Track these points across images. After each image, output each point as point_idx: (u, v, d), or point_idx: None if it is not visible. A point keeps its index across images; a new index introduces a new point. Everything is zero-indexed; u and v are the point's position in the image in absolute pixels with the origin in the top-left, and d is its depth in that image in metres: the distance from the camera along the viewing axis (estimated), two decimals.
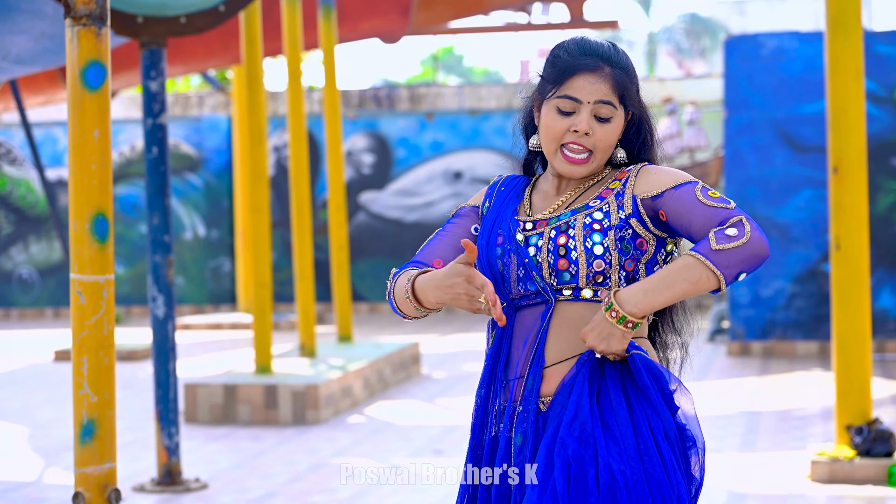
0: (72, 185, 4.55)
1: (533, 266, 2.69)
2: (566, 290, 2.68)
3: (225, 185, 17.35)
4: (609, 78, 2.70)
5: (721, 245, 2.57)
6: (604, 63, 2.71)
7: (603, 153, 2.73)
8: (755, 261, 2.59)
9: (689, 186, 2.68)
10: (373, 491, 6.54)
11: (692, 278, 2.58)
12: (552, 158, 2.74)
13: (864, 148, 6.50)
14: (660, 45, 39.86)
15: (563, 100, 2.70)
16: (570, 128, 2.70)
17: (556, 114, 2.72)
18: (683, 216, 2.65)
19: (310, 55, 21.21)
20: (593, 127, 2.70)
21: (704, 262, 2.57)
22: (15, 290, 17.64)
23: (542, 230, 2.72)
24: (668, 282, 2.59)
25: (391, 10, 11.93)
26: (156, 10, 6.64)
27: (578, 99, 2.70)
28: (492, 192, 2.86)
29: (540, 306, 2.70)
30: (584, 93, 2.69)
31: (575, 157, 2.71)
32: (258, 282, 9.15)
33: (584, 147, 2.71)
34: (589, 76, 2.70)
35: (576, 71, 2.70)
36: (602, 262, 2.66)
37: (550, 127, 2.72)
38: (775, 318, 11.29)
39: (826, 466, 6.43)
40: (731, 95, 11.37)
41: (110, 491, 4.57)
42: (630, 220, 2.68)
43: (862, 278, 6.50)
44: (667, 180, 2.70)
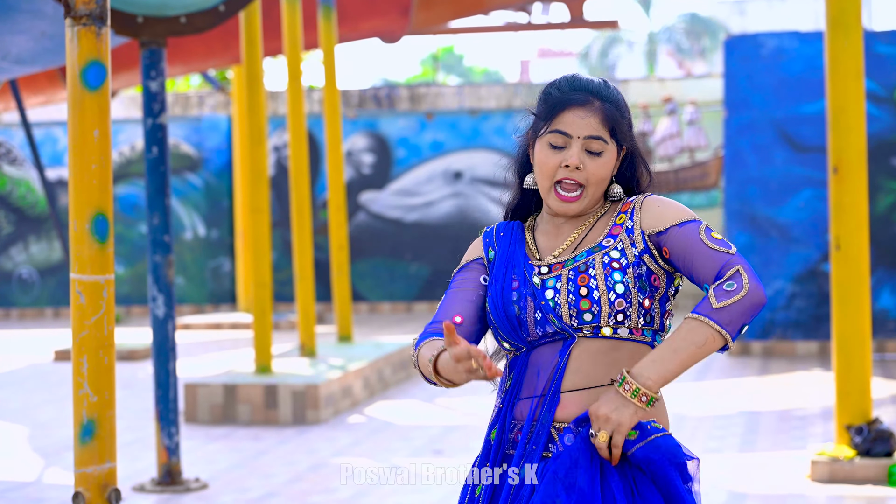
0: (72, 185, 4.55)
1: (549, 309, 2.68)
2: (586, 329, 2.69)
3: (225, 185, 17.35)
4: (599, 112, 2.72)
5: (721, 302, 2.60)
6: (593, 98, 2.73)
7: (595, 187, 2.74)
8: (754, 311, 2.62)
9: (693, 225, 2.68)
10: (373, 491, 6.54)
11: (699, 341, 2.60)
12: (546, 196, 2.75)
13: (864, 148, 6.50)
14: (660, 45, 39.86)
15: (553, 135, 2.73)
16: (562, 163, 2.71)
17: (548, 149, 2.73)
18: (686, 257, 2.67)
19: (310, 55, 21.21)
20: (584, 161, 2.71)
21: (708, 323, 2.60)
22: (15, 290, 17.64)
23: (559, 272, 2.71)
24: (676, 348, 2.60)
25: (391, 10, 11.93)
26: (156, 10, 6.64)
27: (568, 133, 2.72)
28: (491, 239, 2.85)
29: (558, 343, 2.70)
30: (574, 127, 2.71)
31: (567, 194, 2.73)
32: (258, 282, 9.15)
33: (576, 182, 2.72)
34: (579, 111, 2.72)
35: (566, 106, 2.72)
36: (623, 300, 2.67)
37: (543, 163, 2.74)
38: (775, 318, 11.29)
39: (826, 466, 6.43)
40: (731, 95, 11.37)
41: (110, 491, 4.57)
42: (643, 255, 2.70)
43: (862, 278, 6.50)
44: (671, 216, 2.70)
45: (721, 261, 2.63)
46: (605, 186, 2.75)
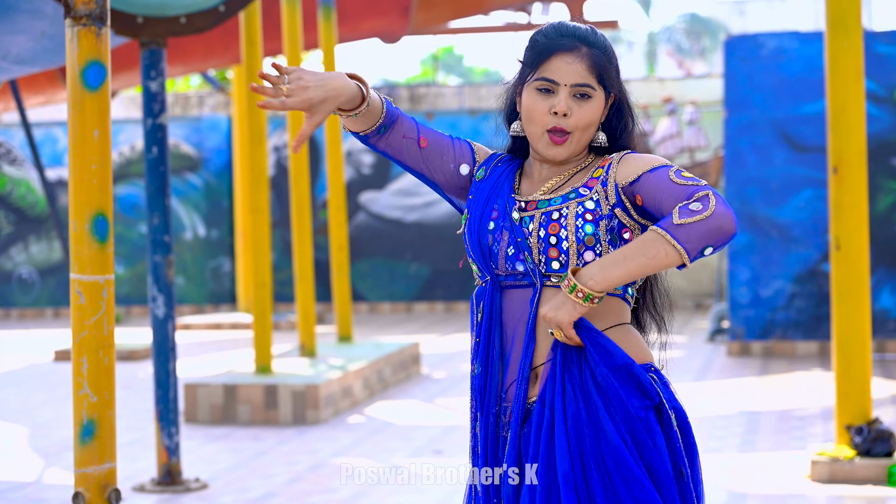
0: (72, 185, 4.55)
1: (525, 246, 2.69)
2: (553, 278, 2.69)
3: (225, 185, 17.35)
4: (586, 58, 2.71)
5: (683, 219, 2.56)
6: (580, 43, 2.72)
7: (582, 132, 2.73)
8: (720, 235, 2.56)
9: (663, 169, 2.67)
10: (373, 491, 6.54)
11: (651, 253, 2.57)
12: (536, 142, 2.76)
13: (864, 148, 6.50)
14: (660, 45, 39.86)
15: (541, 81, 2.72)
16: (550, 109, 2.71)
17: (535, 95, 2.73)
18: (656, 197, 2.64)
19: (310, 55, 21.20)
20: (572, 107, 2.71)
21: (665, 236, 2.56)
22: (15, 290, 17.64)
23: (533, 213, 2.73)
24: (626, 256, 2.58)
25: (391, 10, 11.93)
26: (156, 10, 6.64)
27: (556, 80, 2.71)
28: (490, 162, 2.90)
29: (526, 290, 2.71)
30: (561, 74, 2.71)
31: (556, 137, 2.72)
32: (258, 282, 9.15)
33: (563, 129, 2.72)
34: (566, 56, 2.71)
35: (553, 52, 2.71)
36: (592, 252, 2.67)
37: (531, 109, 2.74)
38: (775, 318, 11.29)
39: (826, 466, 6.43)
40: (731, 95, 11.37)
41: (110, 491, 4.57)
42: (615, 209, 2.69)
43: (862, 278, 6.50)
44: (643, 165, 2.69)
45: (689, 190, 2.62)
46: (592, 133, 2.75)
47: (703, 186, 2.61)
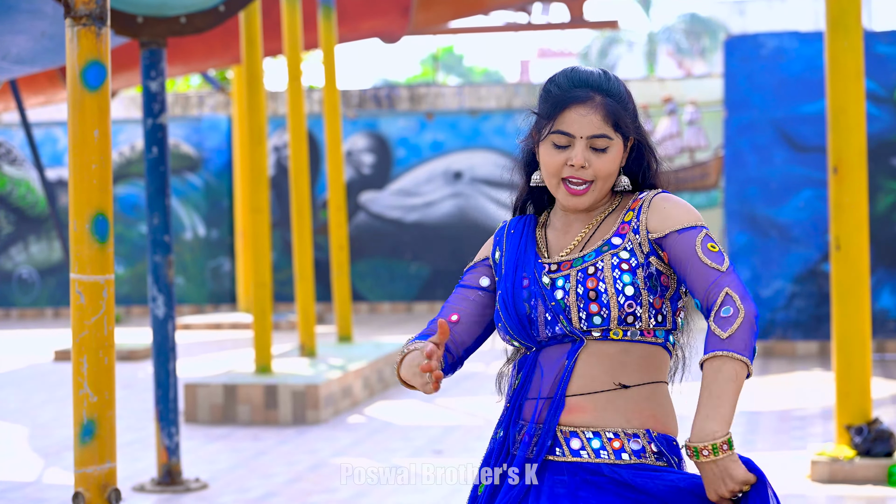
0: (72, 185, 4.55)
1: (560, 310, 2.65)
2: (595, 332, 2.64)
3: (225, 185, 17.35)
4: (601, 108, 2.67)
5: (728, 331, 2.53)
6: (594, 93, 2.68)
7: (604, 182, 2.69)
8: (755, 327, 2.56)
9: (691, 234, 2.63)
10: (373, 491, 6.54)
11: (731, 376, 2.52)
12: (556, 192, 2.71)
13: (864, 148, 6.50)
14: (660, 45, 39.85)
15: (557, 135, 2.68)
16: (567, 162, 2.67)
17: (552, 150, 2.69)
18: (682, 266, 2.62)
19: (310, 55, 21.21)
20: (590, 159, 2.67)
21: (728, 355, 2.52)
22: (15, 290, 17.64)
23: (567, 272, 2.67)
24: (716, 394, 2.52)
25: (391, 10, 11.93)
26: (156, 10, 6.64)
27: (571, 133, 2.67)
28: (500, 238, 2.82)
29: (567, 344, 2.66)
30: (577, 126, 2.66)
31: (575, 188, 2.68)
32: (258, 282, 9.15)
33: (583, 179, 2.68)
34: (580, 108, 2.67)
35: (567, 105, 2.67)
36: (634, 302, 2.63)
37: (548, 163, 2.69)
38: (775, 318, 11.30)
39: (826, 466, 6.43)
40: (731, 95, 11.37)
41: (110, 491, 4.57)
42: (650, 257, 2.66)
43: (862, 278, 6.50)
44: (673, 221, 2.66)
45: (710, 279, 2.59)
46: (613, 180, 2.71)
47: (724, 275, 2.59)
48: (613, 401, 2.63)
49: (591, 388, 2.63)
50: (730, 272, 2.59)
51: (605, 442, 2.61)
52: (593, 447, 2.62)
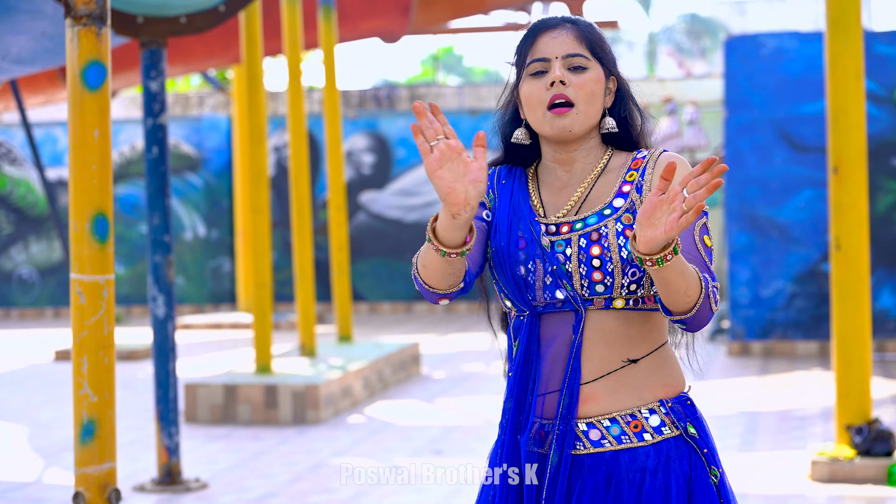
0: (72, 185, 4.55)
1: (562, 274, 2.53)
2: (597, 300, 2.54)
3: (225, 185, 17.35)
4: (573, 29, 2.59)
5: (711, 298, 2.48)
6: (564, 21, 2.61)
7: (586, 104, 2.56)
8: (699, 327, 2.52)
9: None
10: (373, 491, 6.54)
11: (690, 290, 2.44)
12: (542, 127, 2.59)
13: (864, 148, 6.50)
14: (660, 45, 39.86)
15: (533, 64, 2.58)
16: (546, 84, 2.56)
17: (531, 80, 2.59)
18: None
19: (310, 55, 21.21)
20: (568, 77, 2.56)
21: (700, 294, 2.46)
22: (15, 290, 17.64)
23: (568, 236, 2.56)
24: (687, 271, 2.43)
25: (391, 10, 11.93)
26: (156, 10, 6.64)
27: (545, 56, 2.57)
28: (492, 181, 2.69)
29: (567, 314, 2.55)
30: (550, 48, 2.57)
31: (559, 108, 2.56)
32: (258, 282, 9.15)
33: (565, 97, 2.55)
34: (551, 32, 2.59)
35: (537, 33, 2.60)
36: (637, 270, 2.53)
37: (529, 95, 2.59)
38: (775, 318, 11.29)
39: (826, 466, 6.43)
40: (731, 95, 11.37)
41: (110, 491, 4.57)
42: None
43: (862, 278, 6.50)
44: None
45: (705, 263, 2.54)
46: (598, 108, 2.59)
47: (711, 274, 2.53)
48: (623, 379, 2.56)
49: (600, 371, 2.54)
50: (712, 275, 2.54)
51: (624, 426, 2.55)
52: (613, 434, 2.56)
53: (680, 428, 2.60)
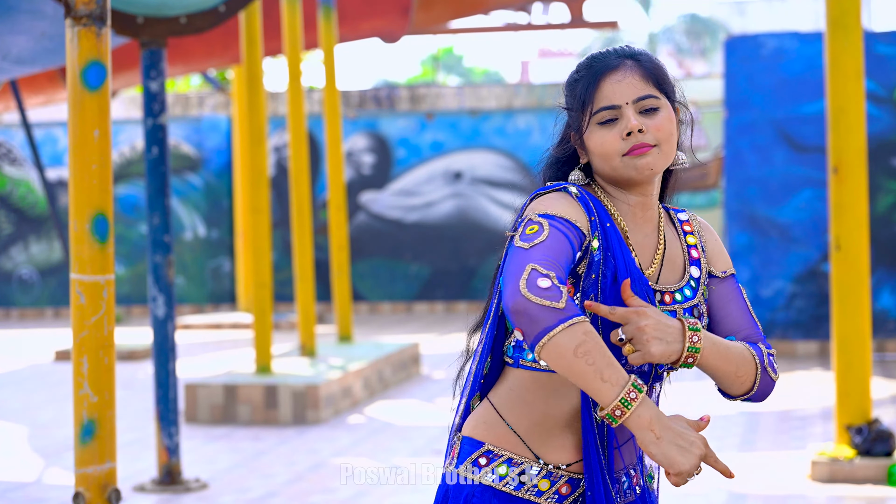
0: (72, 185, 4.55)
1: None
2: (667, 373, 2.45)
3: (225, 185, 17.35)
4: (637, 68, 2.38)
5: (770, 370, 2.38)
6: (623, 58, 2.39)
7: (668, 144, 2.37)
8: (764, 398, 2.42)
9: (739, 285, 2.49)
10: (373, 491, 6.54)
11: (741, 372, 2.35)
12: (623, 173, 2.36)
13: (864, 148, 6.51)
14: (660, 45, 39.85)
15: (601, 113, 2.36)
16: (622, 134, 2.35)
17: (601, 130, 2.37)
18: (727, 305, 2.45)
19: (310, 55, 21.20)
20: (644, 123, 2.35)
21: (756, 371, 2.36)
22: (15, 290, 17.64)
23: (673, 308, 2.40)
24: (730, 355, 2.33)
25: (391, 10, 11.93)
26: (156, 10, 6.65)
27: (615, 104, 2.36)
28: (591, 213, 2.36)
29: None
30: (619, 94, 2.35)
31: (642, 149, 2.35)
32: (258, 282, 9.15)
33: (646, 144, 2.35)
34: (614, 75, 2.37)
35: (600, 77, 2.37)
36: None
37: (601, 146, 2.36)
38: (775, 318, 11.29)
39: (826, 466, 6.43)
40: (731, 95, 11.37)
41: (110, 491, 4.57)
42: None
43: (862, 278, 6.50)
44: (725, 261, 2.48)
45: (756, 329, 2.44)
46: (675, 145, 2.39)
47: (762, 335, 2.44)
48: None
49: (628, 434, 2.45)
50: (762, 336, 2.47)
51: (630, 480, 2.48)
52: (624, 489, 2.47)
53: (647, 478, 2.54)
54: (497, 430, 2.41)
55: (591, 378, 2.16)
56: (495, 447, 2.40)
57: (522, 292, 2.16)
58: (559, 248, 2.26)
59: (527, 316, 2.16)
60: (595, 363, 2.16)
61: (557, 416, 2.38)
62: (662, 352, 2.22)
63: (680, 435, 2.18)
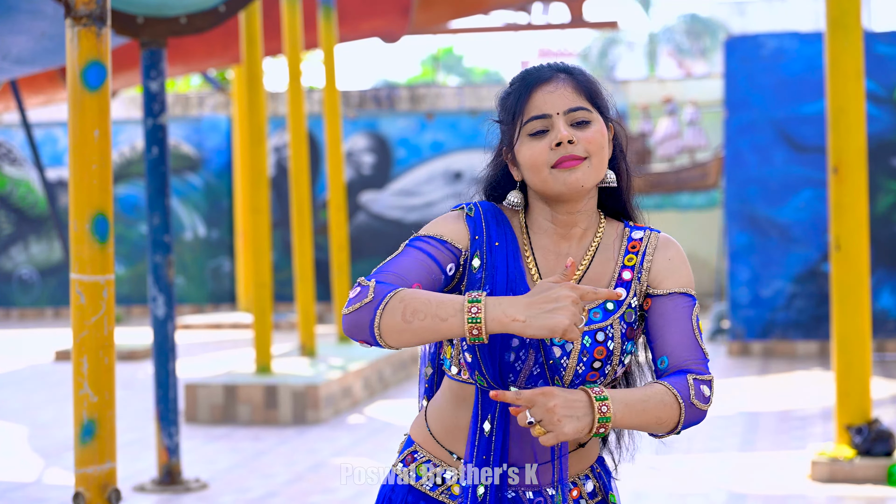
0: (72, 185, 4.55)
1: (557, 369, 2.34)
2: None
3: (225, 185, 17.35)
4: (569, 81, 2.36)
5: (697, 402, 2.29)
6: (556, 71, 2.37)
7: (598, 158, 2.34)
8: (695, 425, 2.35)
9: (690, 303, 2.37)
10: (373, 491, 6.53)
11: (662, 418, 2.28)
12: (550, 186, 2.34)
13: (864, 148, 6.51)
14: (660, 45, 39.85)
15: (531, 123, 2.34)
16: (551, 144, 2.32)
17: (531, 142, 2.34)
18: (668, 325, 2.35)
19: (310, 55, 21.20)
20: (574, 134, 2.32)
21: (680, 411, 2.29)
22: (15, 290, 17.64)
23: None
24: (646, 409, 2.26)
25: (391, 10, 11.94)
26: (156, 10, 6.65)
27: (546, 113, 2.33)
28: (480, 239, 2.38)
29: None
30: (549, 104, 2.33)
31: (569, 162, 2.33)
32: (258, 282, 9.15)
33: (575, 156, 2.33)
34: (546, 86, 2.35)
35: (531, 88, 2.35)
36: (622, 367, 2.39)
37: (530, 157, 2.33)
38: (775, 318, 11.30)
39: (826, 466, 6.43)
40: (731, 95, 11.37)
41: (110, 491, 4.57)
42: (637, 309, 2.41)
43: (862, 278, 6.50)
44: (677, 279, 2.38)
45: (702, 358, 2.34)
46: (605, 160, 2.36)
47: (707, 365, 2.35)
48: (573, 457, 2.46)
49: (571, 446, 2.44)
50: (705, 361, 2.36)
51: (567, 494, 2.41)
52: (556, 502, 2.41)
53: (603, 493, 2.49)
54: (423, 433, 2.48)
55: (434, 328, 2.19)
56: (421, 448, 2.48)
57: (343, 314, 2.26)
58: (407, 263, 2.31)
59: (352, 328, 2.24)
60: (426, 314, 2.19)
61: (463, 425, 2.41)
62: (575, 428, 2.18)
63: (543, 301, 2.16)
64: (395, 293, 2.21)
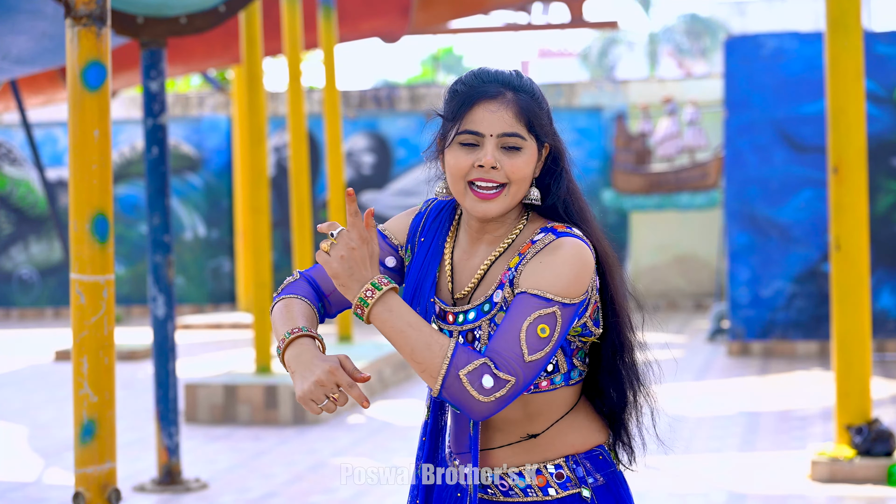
0: (72, 185, 4.55)
1: None
2: None
3: (225, 185, 17.35)
4: (513, 104, 2.39)
5: (466, 381, 2.28)
6: (505, 89, 2.40)
7: (518, 186, 2.40)
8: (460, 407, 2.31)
9: (538, 305, 2.32)
10: (373, 491, 6.54)
11: (418, 358, 2.30)
12: (462, 199, 2.42)
13: (864, 148, 6.51)
14: (660, 45, 39.86)
15: (464, 135, 2.39)
16: (475, 163, 2.39)
17: (459, 151, 2.41)
18: (503, 322, 2.33)
19: (310, 55, 21.21)
20: (500, 160, 2.38)
21: (440, 371, 2.28)
22: (15, 290, 17.64)
23: (451, 328, 2.47)
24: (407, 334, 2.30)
25: (391, 10, 11.94)
26: (156, 10, 6.65)
27: (480, 132, 2.38)
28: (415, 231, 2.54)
29: None
30: (486, 124, 2.38)
31: (484, 192, 2.40)
32: (258, 282, 9.15)
33: (493, 182, 2.39)
34: (490, 104, 2.39)
35: (475, 101, 2.39)
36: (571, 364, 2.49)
37: (453, 166, 2.40)
38: (775, 318, 11.30)
39: (826, 466, 6.43)
40: (731, 95, 11.37)
41: (110, 491, 4.57)
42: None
43: (862, 278, 6.50)
44: (536, 282, 2.34)
45: (515, 356, 2.29)
46: (527, 186, 2.42)
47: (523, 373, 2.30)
48: (527, 447, 2.48)
49: (502, 441, 2.48)
50: (528, 366, 2.31)
51: (530, 480, 2.47)
52: (520, 487, 2.47)
53: (577, 487, 2.49)
54: None
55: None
56: None
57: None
58: None
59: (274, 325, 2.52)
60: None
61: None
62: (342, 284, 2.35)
63: (307, 367, 2.34)
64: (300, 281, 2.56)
